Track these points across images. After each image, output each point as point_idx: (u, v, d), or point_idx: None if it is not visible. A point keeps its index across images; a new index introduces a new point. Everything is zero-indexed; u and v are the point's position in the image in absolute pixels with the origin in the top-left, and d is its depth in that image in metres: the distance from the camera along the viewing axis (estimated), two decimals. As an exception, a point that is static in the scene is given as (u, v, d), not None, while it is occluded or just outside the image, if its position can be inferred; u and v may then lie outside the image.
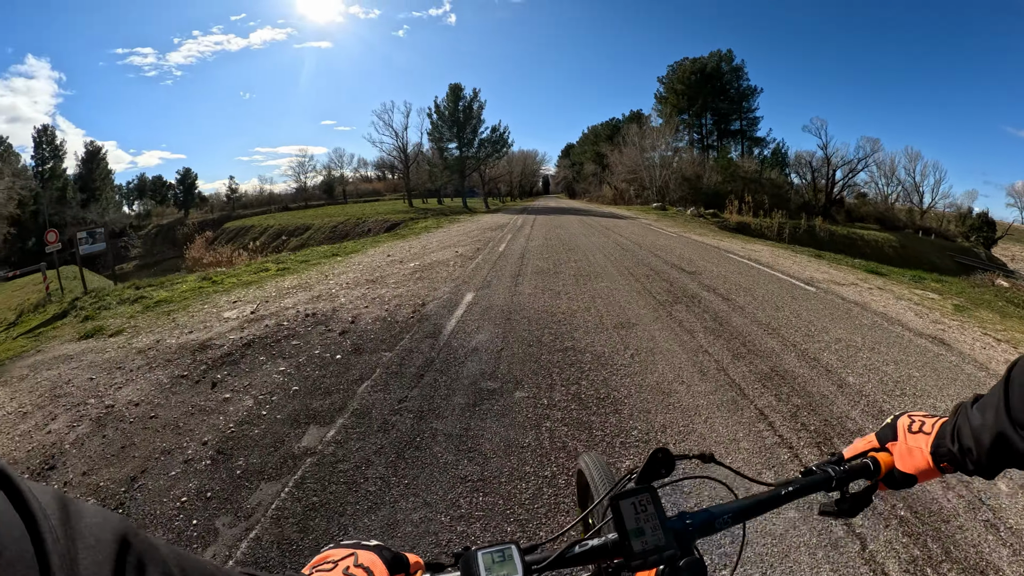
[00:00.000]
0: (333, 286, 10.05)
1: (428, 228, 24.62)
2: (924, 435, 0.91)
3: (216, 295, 10.06)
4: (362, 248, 16.75)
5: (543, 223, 24.63)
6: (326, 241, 36.76)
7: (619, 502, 0.80)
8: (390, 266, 11.98)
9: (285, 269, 13.33)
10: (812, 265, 12.38)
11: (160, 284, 13.04)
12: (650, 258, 12.28)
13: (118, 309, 9.61)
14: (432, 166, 60.97)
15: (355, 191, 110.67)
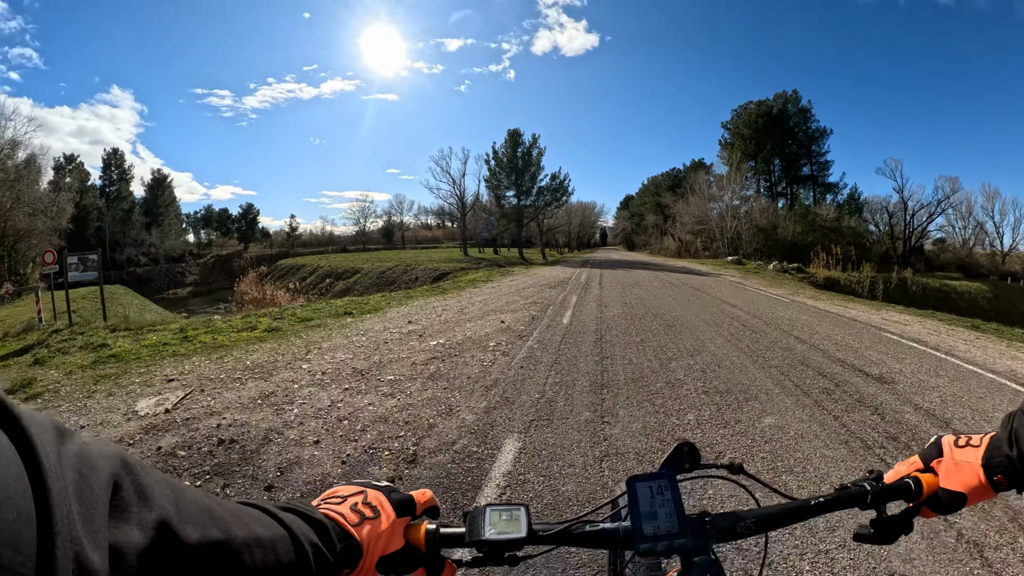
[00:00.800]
0: (304, 375, 6.55)
1: (476, 282, 20.99)
2: (973, 448, 0.85)
3: (168, 360, 7.93)
4: (386, 306, 13.19)
5: (613, 279, 20.65)
6: (372, 287, 33.88)
7: (635, 483, 0.79)
8: (403, 343, 8.25)
9: (274, 331, 10.06)
10: (984, 343, 9.10)
11: (141, 329, 11.44)
12: (794, 345, 8.15)
13: (74, 356, 8.53)
14: (489, 214, 58.24)
15: (414, 237, 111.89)
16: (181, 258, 79.71)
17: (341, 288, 36.62)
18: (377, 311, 12.11)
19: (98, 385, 6.55)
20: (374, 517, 0.72)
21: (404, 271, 34.46)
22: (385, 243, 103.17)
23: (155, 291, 64.49)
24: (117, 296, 31.61)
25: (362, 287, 34.44)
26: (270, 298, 35.95)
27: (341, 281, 38.50)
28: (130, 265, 72.39)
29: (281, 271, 55.25)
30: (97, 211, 72.72)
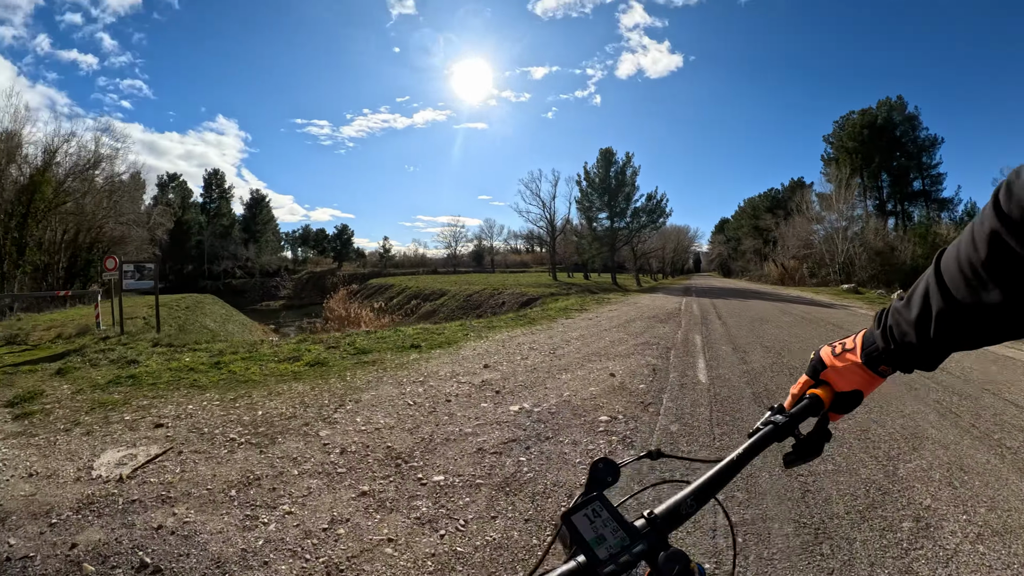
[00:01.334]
0: (314, 451, 4.59)
1: (569, 311, 18.42)
2: (849, 351, 0.95)
3: (179, 392, 6.85)
4: (462, 338, 10.93)
5: (731, 312, 17.45)
6: (457, 310, 32.12)
7: (571, 517, 0.77)
8: (471, 404, 5.86)
9: (318, 365, 8.32)
10: None
11: (184, 346, 11.09)
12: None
13: (98, 371, 8.22)
14: (580, 237, 55.48)
15: (503, 261, 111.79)
16: (276, 273, 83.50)
17: (427, 310, 35.17)
18: (450, 345, 9.85)
19: (88, 415, 5.77)
20: None
21: (491, 295, 32.46)
22: (475, 266, 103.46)
23: (249, 302, 67.50)
24: (203, 305, 31.46)
25: (447, 310, 32.78)
26: (354, 317, 35.06)
27: (427, 303, 37.09)
28: (226, 277, 76.61)
29: (371, 290, 55.14)
30: (198, 225, 77.62)
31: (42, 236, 26.88)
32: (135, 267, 13.53)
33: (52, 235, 29.52)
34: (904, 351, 0.85)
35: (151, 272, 13.52)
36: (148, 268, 13.57)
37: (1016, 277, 0.67)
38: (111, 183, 33.75)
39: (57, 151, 27.27)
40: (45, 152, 26.79)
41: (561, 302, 23.82)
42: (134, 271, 13.47)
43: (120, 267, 13.35)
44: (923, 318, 0.79)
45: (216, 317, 31.06)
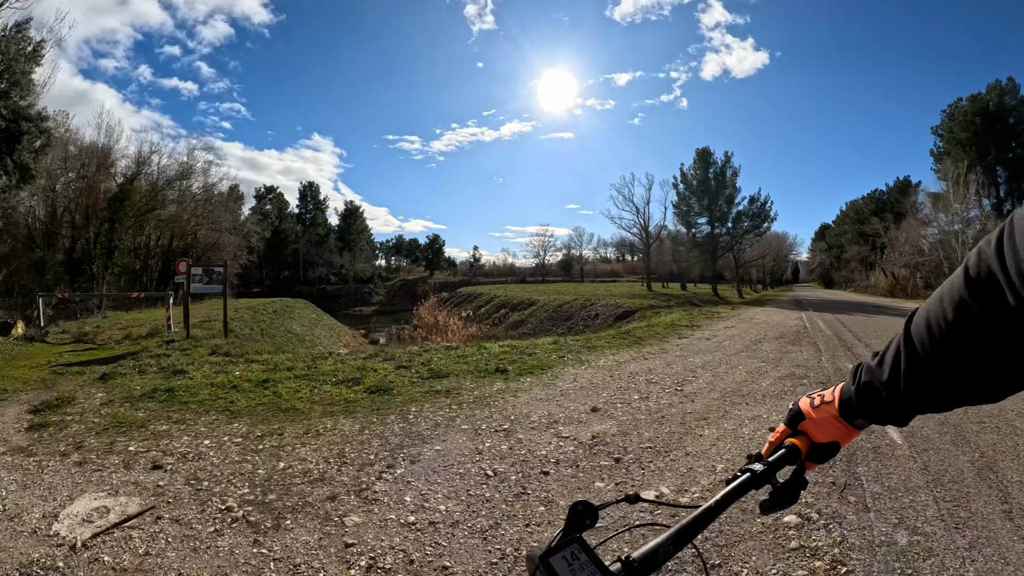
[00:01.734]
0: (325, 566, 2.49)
1: (677, 327, 16.15)
2: (827, 404, 0.98)
3: (204, 419, 5.74)
4: (557, 361, 9.13)
5: (867, 331, 14.48)
6: (546, 321, 30.36)
7: (548, 560, 0.78)
8: (580, 474, 4.08)
9: (380, 392, 6.94)
10: None
11: (243, 355, 10.27)
12: None
13: (137, 380, 7.73)
14: (678, 244, 52.15)
15: (592, 270, 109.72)
16: (370, 280, 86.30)
17: (515, 320, 33.67)
18: (544, 372, 8.04)
19: (97, 438, 5.10)
20: None
21: (583, 306, 30.44)
22: (564, 275, 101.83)
23: (342, 307, 69.64)
24: (292, 309, 31.44)
25: (536, 321, 31.09)
26: (442, 325, 34.16)
27: (516, 312, 35.60)
28: (321, 283, 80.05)
29: (460, 298, 54.51)
30: (295, 234, 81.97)
31: (132, 241, 27.77)
32: (203, 271, 12.71)
33: (145, 240, 30.67)
34: (877, 408, 0.89)
35: (219, 276, 12.63)
36: (216, 272, 12.72)
37: (979, 341, 0.70)
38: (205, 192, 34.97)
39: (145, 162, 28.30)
40: (135, 163, 27.87)
41: (665, 316, 21.49)
42: (202, 275, 12.63)
43: (188, 271, 12.53)
44: (893, 378, 0.84)
45: (304, 321, 30.91)
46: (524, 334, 29.27)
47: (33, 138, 11.57)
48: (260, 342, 16.39)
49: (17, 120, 11.15)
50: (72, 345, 12.66)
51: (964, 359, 0.71)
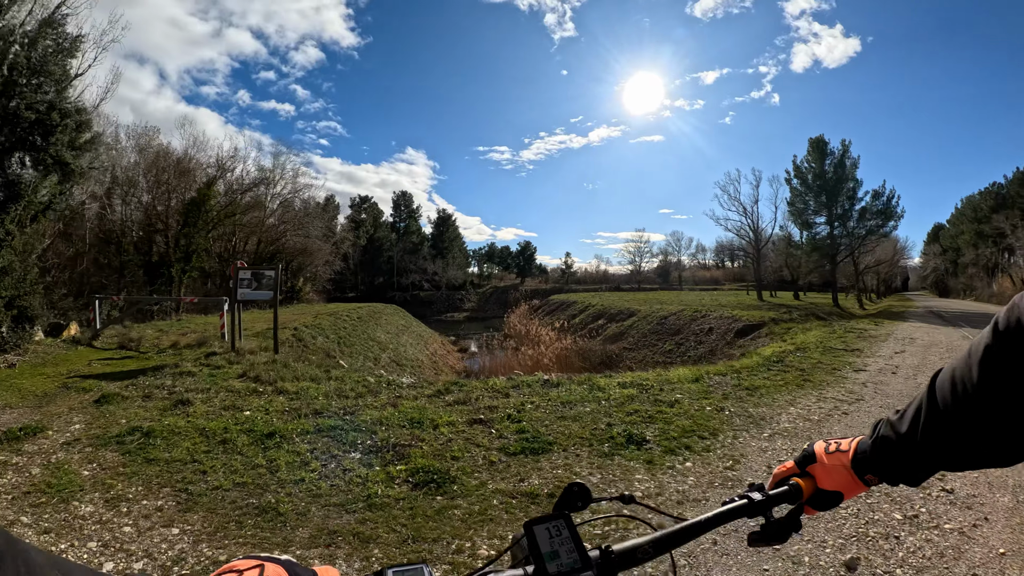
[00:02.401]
0: None
1: (833, 350, 12.92)
2: (842, 453, 0.96)
3: (180, 474, 4.67)
4: (721, 425, 6.28)
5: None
6: (650, 335, 27.23)
7: (533, 527, 0.81)
8: None
9: (434, 485, 4.54)
10: None
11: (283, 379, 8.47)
12: None
13: (146, 407, 6.77)
14: (794, 248, 47.03)
15: (691, 278, 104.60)
16: (462, 286, 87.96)
17: (613, 332, 30.76)
18: (707, 443, 5.38)
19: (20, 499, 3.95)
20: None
21: (692, 318, 27.06)
22: (660, 283, 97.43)
23: (434, 313, 71.18)
24: (379, 315, 30.15)
25: (637, 334, 28.06)
26: (534, 335, 31.83)
27: (614, 323, 32.68)
28: (414, 289, 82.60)
29: (552, 306, 52.16)
30: (389, 242, 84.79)
31: (213, 245, 27.56)
32: (252, 275, 10.92)
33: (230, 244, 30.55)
34: (892, 463, 0.87)
35: (270, 281, 10.81)
36: (267, 276, 10.93)
37: (1003, 399, 0.69)
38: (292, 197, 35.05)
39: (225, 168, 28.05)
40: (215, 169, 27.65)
41: (801, 333, 18.01)
42: (250, 280, 10.85)
43: (236, 274, 10.79)
44: (911, 433, 0.82)
45: (391, 328, 29.47)
46: (625, 349, 26.35)
47: (68, 131, 10.34)
48: (296, 367, 14.54)
49: (50, 112, 9.93)
50: (112, 352, 11.68)
51: (985, 417, 0.71)
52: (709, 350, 21.09)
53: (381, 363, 19.53)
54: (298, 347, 14.66)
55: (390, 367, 19.76)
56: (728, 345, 20.82)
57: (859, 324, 21.57)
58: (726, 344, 21.06)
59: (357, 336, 21.58)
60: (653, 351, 24.44)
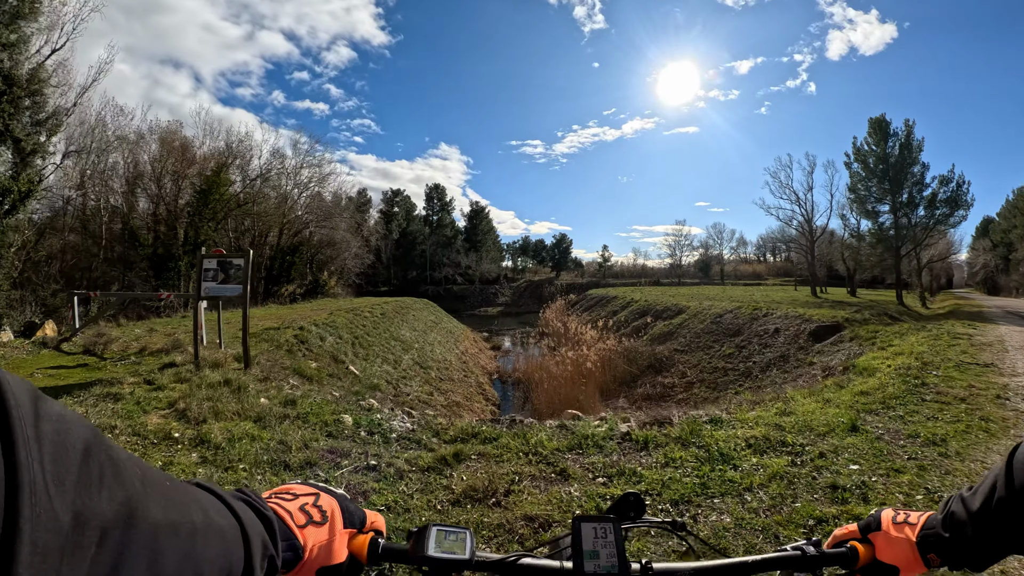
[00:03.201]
0: None
1: (972, 368, 10.08)
2: (909, 526, 0.91)
3: None
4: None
5: None
6: (705, 335, 24.27)
7: (580, 523, 0.80)
8: None
9: None
10: None
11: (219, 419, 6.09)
12: None
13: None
14: (857, 239, 43.26)
15: (733, 272, 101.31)
16: (496, 280, 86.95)
17: (660, 331, 27.86)
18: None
19: None
20: (321, 522, 0.71)
21: (752, 317, 24.02)
22: (702, 277, 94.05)
23: (468, 307, 71.15)
24: (407, 310, 27.97)
25: (689, 334, 25.16)
26: (573, 333, 29.29)
27: (661, 322, 29.76)
28: (447, 283, 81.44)
29: (590, 301, 49.45)
30: (422, 236, 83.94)
31: (220, 237, 25.72)
32: (219, 264, 8.60)
33: (246, 235, 28.75)
34: (959, 542, 0.82)
35: (239, 273, 8.47)
36: (235, 266, 8.55)
37: None
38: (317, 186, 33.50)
39: (235, 155, 26.09)
40: (225, 155, 25.73)
41: (897, 339, 15.05)
42: (216, 270, 8.54)
43: (200, 265, 8.49)
44: (983, 511, 0.77)
45: (419, 324, 27.16)
46: (676, 351, 23.49)
47: (17, 102, 8.40)
48: (312, 366, 12.15)
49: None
50: (72, 358, 9.68)
51: None
52: (780, 356, 18.20)
53: (402, 366, 17.21)
54: (298, 351, 12.39)
55: (412, 370, 17.43)
56: (802, 350, 17.92)
57: (952, 327, 18.37)
58: (799, 349, 18.15)
59: (377, 335, 19.32)
60: (709, 354, 21.58)
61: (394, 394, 13.75)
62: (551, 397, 17.83)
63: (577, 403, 17.95)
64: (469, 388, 19.49)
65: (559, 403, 17.37)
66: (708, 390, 18.27)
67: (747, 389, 16.77)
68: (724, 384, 18.17)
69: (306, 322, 15.81)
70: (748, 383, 17.35)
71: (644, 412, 8.46)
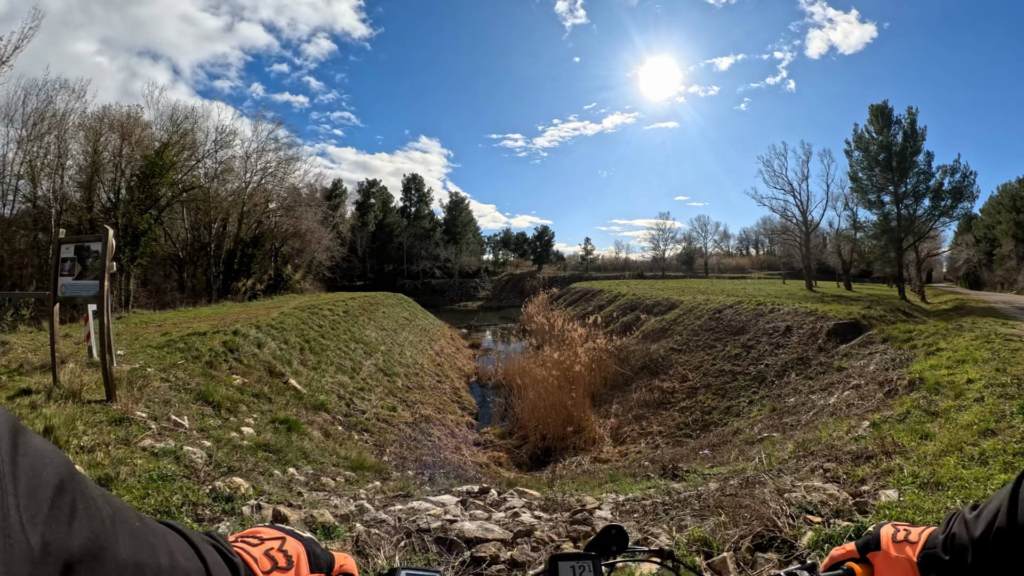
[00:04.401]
0: None
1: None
2: (910, 544, 0.87)
3: None
4: None
5: None
6: (703, 332, 21.90)
7: (558, 562, 0.76)
8: None
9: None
10: None
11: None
12: None
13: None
14: (859, 230, 41.39)
15: (716, 265, 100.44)
16: (476, 274, 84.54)
17: (652, 327, 25.49)
18: None
19: None
20: (286, 567, 0.69)
21: (757, 313, 21.72)
22: (685, 270, 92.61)
23: (447, 302, 69.54)
24: (377, 307, 25.38)
25: (686, 332, 22.82)
26: (558, 331, 26.90)
27: (652, 317, 27.45)
28: (425, 276, 79.13)
29: (574, 295, 47.20)
30: (399, 228, 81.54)
31: (160, 228, 22.78)
32: (75, 252, 6.01)
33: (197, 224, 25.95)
34: (958, 568, 0.76)
35: (96, 261, 5.92)
36: (92, 252, 5.98)
37: None
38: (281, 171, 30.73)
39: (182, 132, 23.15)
40: (169, 132, 22.74)
41: (944, 342, 12.79)
42: (74, 260, 5.97)
43: (57, 253, 5.87)
44: (984, 537, 0.72)
45: (389, 322, 24.43)
46: (673, 350, 21.11)
47: None
48: (235, 382, 9.49)
49: None
50: None
51: None
52: (797, 358, 15.92)
53: (362, 374, 14.62)
54: (221, 364, 9.78)
55: (374, 379, 14.84)
56: (823, 352, 15.67)
57: (993, 326, 16.14)
58: (819, 350, 15.90)
59: (335, 337, 16.69)
60: (711, 354, 19.26)
61: (345, 413, 11.19)
62: (536, 405, 15.42)
63: (566, 411, 15.58)
64: (443, 396, 16.97)
65: (545, 412, 14.97)
66: (716, 397, 15.95)
67: (764, 398, 14.47)
68: (734, 391, 15.85)
69: (245, 325, 13.14)
70: (764, 390, 15.04)
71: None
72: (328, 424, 9.83)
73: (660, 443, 14.41)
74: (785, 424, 10.93)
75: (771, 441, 9.73)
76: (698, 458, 11.69)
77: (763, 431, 11.09)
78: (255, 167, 29.83)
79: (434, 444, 12.17)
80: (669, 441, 14.40)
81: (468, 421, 15.91)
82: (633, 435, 15.35)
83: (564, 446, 14.32)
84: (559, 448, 14.24)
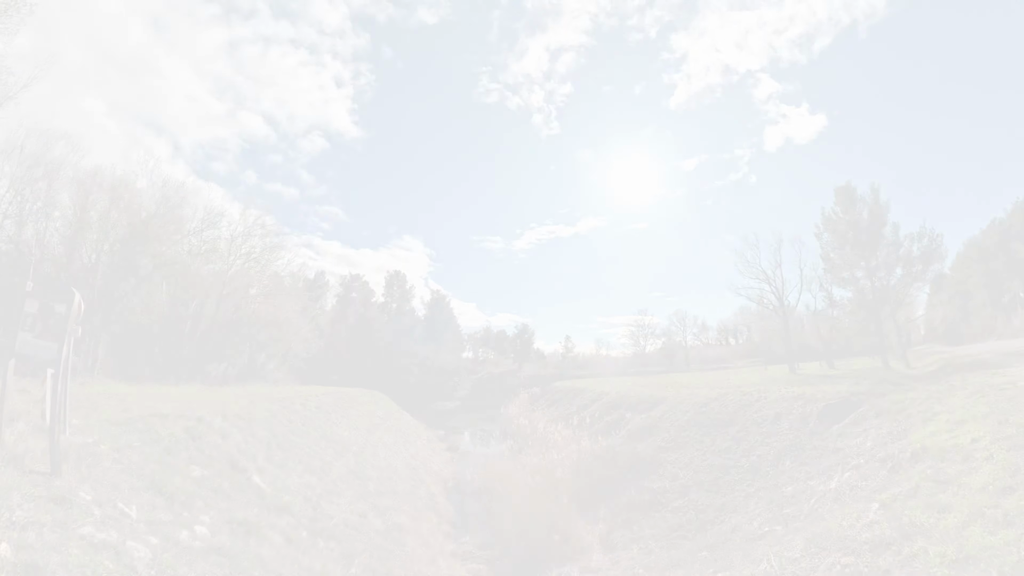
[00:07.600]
0: None
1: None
2: None
3: None
4: None
5: None
6: (691, 427, 21.05)
7: None
8: None
9: None
10: None
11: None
12: None
13: None
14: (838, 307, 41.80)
15: (698, 357, 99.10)
16: (455, 372, 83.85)
17: (638, 426, 24.58)
18: None
19: None
20: None
21: (742, 403, 21.09)
22: (667, 365, 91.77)
23: (425, 401, 66.72)
24: (353, 405, 24.33)
25: (673, 428, 21.98)
26: (541, 433, 25.94)
27: (638, 415, 26.53)
28: (403, 373, 77.36)
29: (556, 395, 46.13)
30: (379, 324, 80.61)
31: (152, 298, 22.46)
32: (40, 308, 5.52)
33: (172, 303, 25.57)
34: None
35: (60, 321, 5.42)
36: (56, 311, 5.48)
37: None
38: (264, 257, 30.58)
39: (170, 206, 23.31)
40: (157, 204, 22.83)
41: (938, 404, 12.30)
42: (37, 315, 5.48)
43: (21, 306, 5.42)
44: None
45: (362, 422, 23.15)
46: (661, 449, 20.20)
47: None
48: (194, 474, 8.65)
49: None
50: None
51: None
52: (790, 444, 15.31)
53: (332, 475, 13.58)
54: (182, 451, 8.95)
55: (344, 481, 13.78)
56: (816, 435, 15.12)
57: (985, 379, 15.53)
58: (811, 434, 15.35)
59: (305, 434, 15.72)
60: (701, 450, 18.46)
61: (311, 517, 10.17)
62: (519, 513, 14.37)
63: (550, 518, 14.51)
64: (418, 502, 15.77)
65: (529, 522, 13.91)
66: (709, 493, 15.06)
67: (761, 489, 13.67)
68: (728, 485, 15.00)
69: (211, 411, 12.30)
70: (759, 481, 14.25)
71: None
72: (292, 529, 8.89)
73: (654, 547, 13.42)
74: (786, 515, 10.19)
75: (774, 536, 8.98)
76: (697, 562, 10.78)
77: (763, 525, 10.37)
78: (240, 250, 29.96)
79: (407, 555, 11.08)
80: (663, 544, 13.41)
81: (445, 530, 14.74)
82: (624, 540, 14.32)
83: (549, 556, 13.21)
84: (544, 558, 13.13)
